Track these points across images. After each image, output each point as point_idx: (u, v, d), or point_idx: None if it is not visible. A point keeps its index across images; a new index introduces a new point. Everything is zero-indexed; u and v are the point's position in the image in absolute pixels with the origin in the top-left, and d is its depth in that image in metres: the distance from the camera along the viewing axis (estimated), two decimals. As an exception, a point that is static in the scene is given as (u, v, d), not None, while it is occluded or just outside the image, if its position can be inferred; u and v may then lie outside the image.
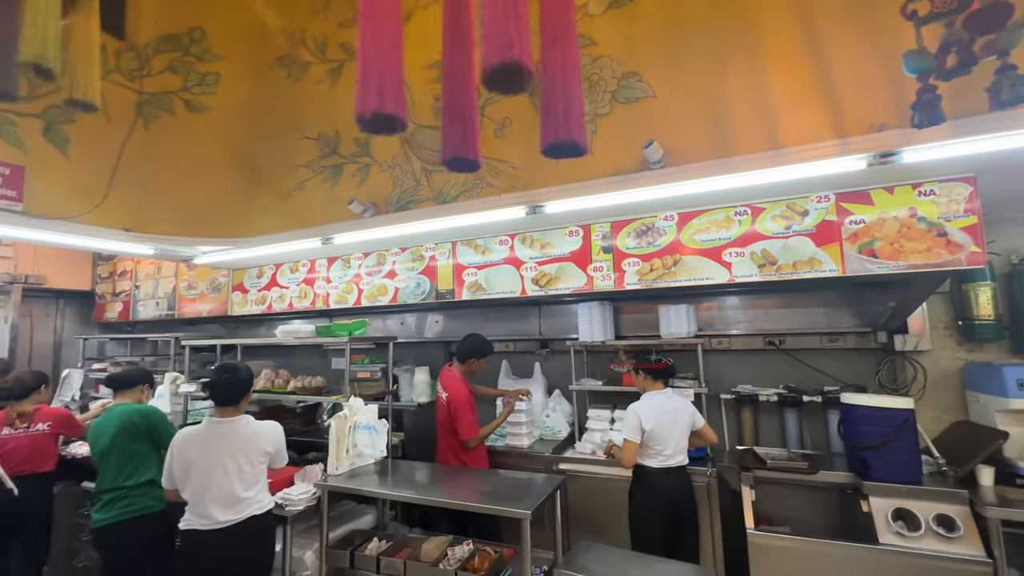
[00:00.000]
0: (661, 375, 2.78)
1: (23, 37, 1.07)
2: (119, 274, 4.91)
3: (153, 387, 2.80)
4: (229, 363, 2.37)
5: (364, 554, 2.51)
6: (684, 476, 2.67)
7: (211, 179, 3.30)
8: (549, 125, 1.07)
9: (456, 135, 1.09)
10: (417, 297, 3.41)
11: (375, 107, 1.00)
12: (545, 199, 2.42)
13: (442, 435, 3.16)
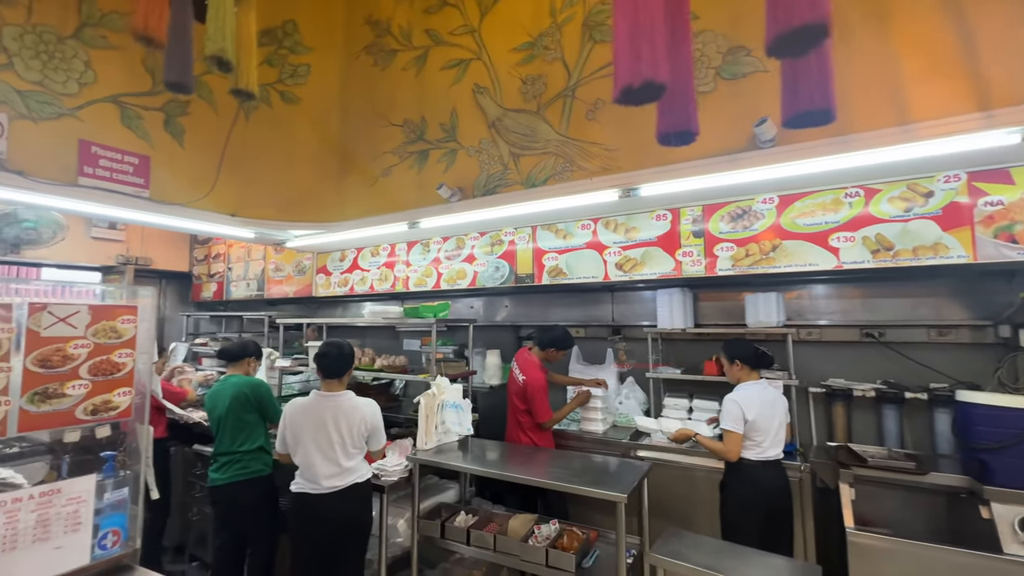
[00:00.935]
0: (760, 364, 2.68)
1: (207, 33, 1.16)
2: (213, 257, 5.31)
3: (260, 359, 3.00)
4: (335, 340, 2.52)
5: (454, 526, 2.61)
6: (781, 470, 2.58)
7: (304, 166, 3.47)
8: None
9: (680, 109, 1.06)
10: (496, 281, 3.47)
11: (648, 76, 1.00)
12: (641, 181, 2.37)
13: (513, 414, 3.23)
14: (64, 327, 1.42)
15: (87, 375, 1.46)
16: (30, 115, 2.45)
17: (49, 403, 1.39)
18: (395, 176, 3.26)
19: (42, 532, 1.37)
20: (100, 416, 1.49)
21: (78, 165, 2.61)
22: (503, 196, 2.78)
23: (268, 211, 3.42)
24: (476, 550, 2.51)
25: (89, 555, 1.46)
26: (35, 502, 1.36)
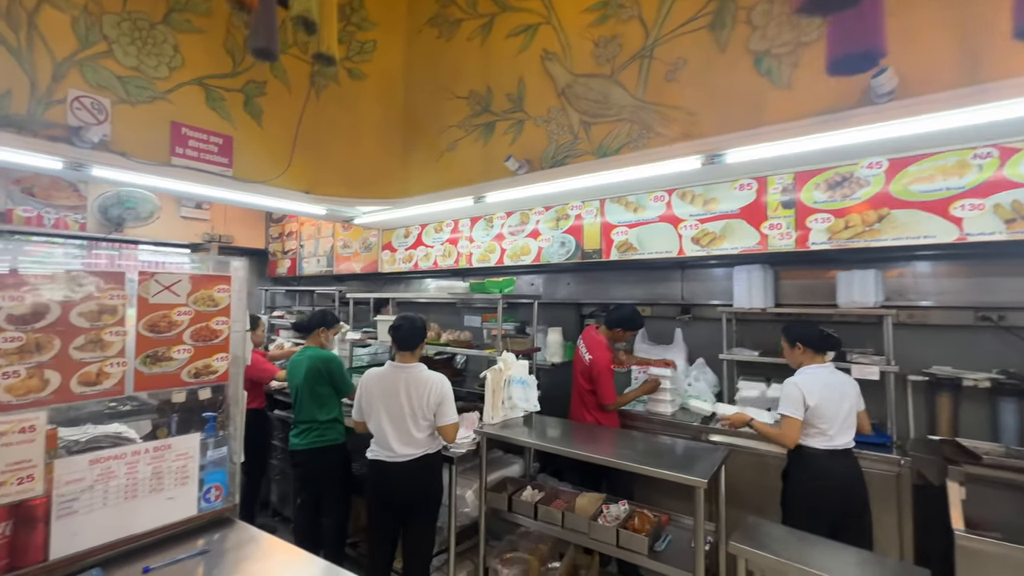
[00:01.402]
0: (824, 347, 2.46)
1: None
2: (287, 235, 5.58)
3: (330, 328, 3.09)
4: (409, 313, 2.56)
5: (521, 500, 2.63)
6: (852, 460, 2.37)
7: (371, 143, 3.51)
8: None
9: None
10: (561, 256, 3.38)
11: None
12: (727, 147, 2.17)
13: (578, 393, 3.17)
14: (169, 295, 1.51)
15: (189, 340, 1.55)
16: (129, 99, 2.61)
17: (159, 365, 1.49)
18: (460, 150, 3.22)
19: (156, 483, 1.48)
20: (201, 379, 1.59)
21: (171, 145, 2.77)
22: (572, 167, 2.67)
23: (338, 188, 3.51)
24: (543, 525, 2.52)
25: (196, 507, 1.58)
26: (150, 455, 1.47)
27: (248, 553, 1.51)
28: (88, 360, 1.36)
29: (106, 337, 1.38)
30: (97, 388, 1.37)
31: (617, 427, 3.10)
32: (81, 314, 1.34)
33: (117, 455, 1.41)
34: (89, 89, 2.48)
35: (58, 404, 1.30)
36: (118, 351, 1.41)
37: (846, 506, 2.33)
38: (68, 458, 1.34)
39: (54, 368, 1.30)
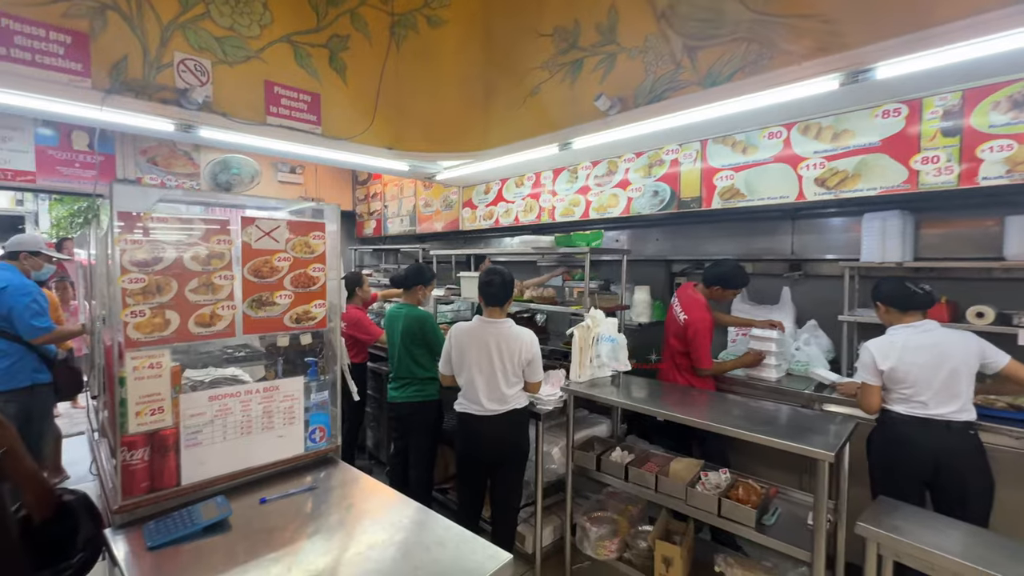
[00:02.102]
0: (907, 306, 2.12)
1: None
2: (372, 196, 5.74)
3: (428, 285, 3.05)
4: (497, 267, 2.48)
5: (610, 460, 2.53)
6: (956, 434, 2.02)
7: (451, 93, 3.40)
8: None
9: None
10: (654, 207, 3.10)
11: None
12: (878, 60, 1.77)
13: (670, 353, 2.96)
14: (269, 241, 1.53)
15: (290, 286, 1.58)
16: (226, 59, 2.70)
17: (264, 310, 1.53)
18: (545, 93, 3.00)
19: (267, 421, 1.56)
20: (302, 324, 1.62)
21: (265, 105, 2.85)
22: (674, 102, 2.36)
23: (420, 143, 3.46)
24: (634, 487, 2.41)
25: (303, 446, 1.65)
26: (261, 396, 1.54)
27: (351, 492, 1.55)
28: (202, 302, 1.42)
29: (216, 281, 1.43)
30: (211, 329, 1.44)
31: (713, 391, 2.86)
32: (193, 258, 1.39)
33: (232, 393, 1.49)
34: (192, 51, 2.58)
35: (178, 343, 1.38)
36: (228, 294, 1.46)
37: (944, 488, 2.05)
38: (191, 393, 1.43)
39: (173, 309, 1.37)
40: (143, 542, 1.23)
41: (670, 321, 2.96)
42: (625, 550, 2.51)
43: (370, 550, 1.23)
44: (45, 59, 2.18)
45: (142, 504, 1.34)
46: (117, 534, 1.27)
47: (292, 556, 1.20)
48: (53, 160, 3.96)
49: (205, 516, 1.29)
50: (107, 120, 2.47)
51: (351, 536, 1.30)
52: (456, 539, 1.26)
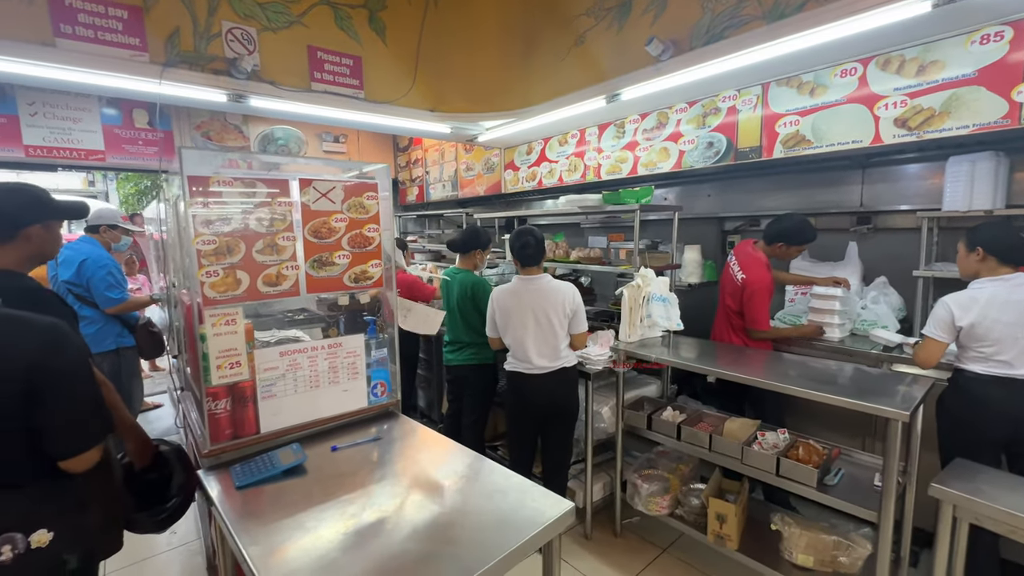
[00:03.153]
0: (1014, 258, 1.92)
1: None
2: (413, 162, 5.76)
3: (486, 250, 3.02)
4: (527, 227, 2.48)
5: (662, 419, 2.52)
6: None
7: (491, 50, 3.28)
8: None
9: None
10: (708, 160, 2.94)
11: None
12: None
13: (724, 312, 2.85)
14: (326, 202, 1.56)
15: (347, 246, 1.62)
16: (270, 26, 2.71)
17: (325, 269, 1.58)
18: (590, 42, 2.84)
19: (333, 376, 1.64)
20: (360, 284, 1.67)
21: (309, 71, 2.86)
22: (734, 40, 2.18)
23: (461, 103, 3.40)
24: (687, 446, 2.39)
25: (366, 400, 1.73)
26: (326, 352, 1.61)
27: (413, 442, 1.62)
28: (268, 263, 1.48)
29: (279, 242, 1.48)
30: (278, 288, 1.50)
31: (769, 350, 2.76)
32: (258, 220, 1.44)
33: (300, 349, 1.56)
34: (239, 20, 2.61)
35: (249, 301, 1.45)
36: (291, 255, 1.51)
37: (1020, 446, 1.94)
38: (264, 349, 1.51)
39: (243, 269, 1.44)
40: (231, 482, 1.34)
41: (726, 280, 2.84)
42: (677, 507, 2.53)
43: (436, 495, 1.28)
44: (106, 35, 2.26)
45: (227, 449, 1.46)
46: (208, 475, 1.39)
47: (365, 498, 1.27)
48: (119, 139, 4.18)
49: (284, 461, 1.38)
50: (165, 94, 2.56)
51: (416, 482, 1.36)
52: (516, 488, 1.29)
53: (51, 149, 3.88)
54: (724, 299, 2.85)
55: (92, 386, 1.14)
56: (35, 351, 1.04)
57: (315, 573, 1.00)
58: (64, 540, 1.08)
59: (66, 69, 2.22)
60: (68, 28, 2.17)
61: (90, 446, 1.11)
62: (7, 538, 1.01)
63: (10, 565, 1.00)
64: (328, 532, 1.13)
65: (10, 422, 1.03)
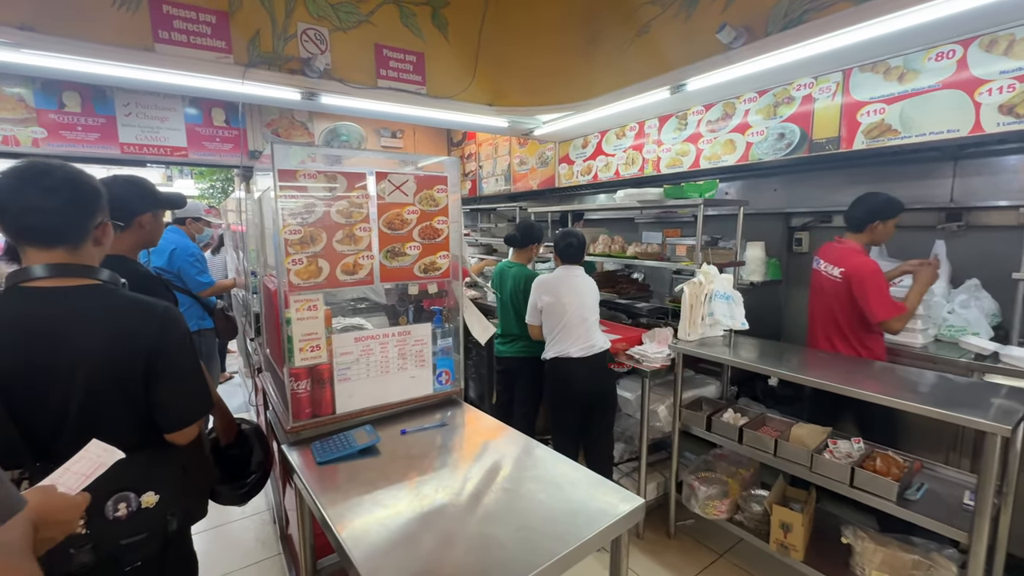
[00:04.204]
0: None
1: None
2: (466, 157, 5.83)
3: (540, 244, 3.08)
4: (570, 230, 2.64)
5: (722, 421, 2.44)
6: None
7: (551, 42, 3.27)
8: None
9: None
10: (778, 152, 2.79)
11: None
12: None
13: (823, 322, 2.55)
14: (399, 194, 1.61)
15: (418, 238, 1.67)
16: (341, 26, 2.82)
17: (397, 260, 1.64)
18: (655, 31, 2.77)
19: (402, 363, 1.70)
20: (429, 275, 1.72)
21: (375, 68, 2.96)
22: (816, 24, 2.05)
23: (518, 97, 3.41)
24: (749, 450, 2.31)
25: (432, 387, 1.79)
26: (396, 339, 1.68)
27: (478, 429, 1.66)
28: (347, 252, 1.55)
29: (357, 232, 1.55)
30: (355, 277, 1.57)
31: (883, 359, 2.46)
32: (338, 211, 1.52)
33: (372, 335, 1.64)
34: (312, 21, 2.73)
35: (330, 288, 1.53)
36: (367, 245, 1.58)
37: None
38: (340, 334, 1.59)
39: (324, 258, 1.51)
40: (312, 458, 1.42)
41: (820, 288, 2.57)
42: (736, 512, 2.45)
43: (506, 481, 1.31)
44: (197, 39, 2.44)
45: (306, 427, 1.55)
46: (291, 450, 1.49)
47: (436, 481, 1.32)
48: (199, 136, 4.49)
49: (359, 441, 1.45)
50: (246, 93, 2.73)
51: (485, 468, 1.39)
52: (585, 479, 1.30)
53: (142, 146, 4.23)
54: (819, 309, 2.60)
55: (198, 365, 1.24)
56: (155, 332, 1.14)
57: (396, 546, 1.05)
58: (168, 502, 1.18)
59: (162, 72, 2.41)
60: (165, 34, 2.35)
61: (194, 420, 1.21)
62: (123, 496, 1.12)
63: (125, 521, 1.11)
64: (404, 509, 1.18)
65: (134, 395, 1.14)
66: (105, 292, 1.14)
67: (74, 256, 1.12)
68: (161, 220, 1.66)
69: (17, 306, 1.07)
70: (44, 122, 3.84)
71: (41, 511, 0.72)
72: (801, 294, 3.35)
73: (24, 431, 1.07)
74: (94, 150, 4.04)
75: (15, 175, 1.04)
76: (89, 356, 1.08)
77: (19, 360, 1.05)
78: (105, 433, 0.99)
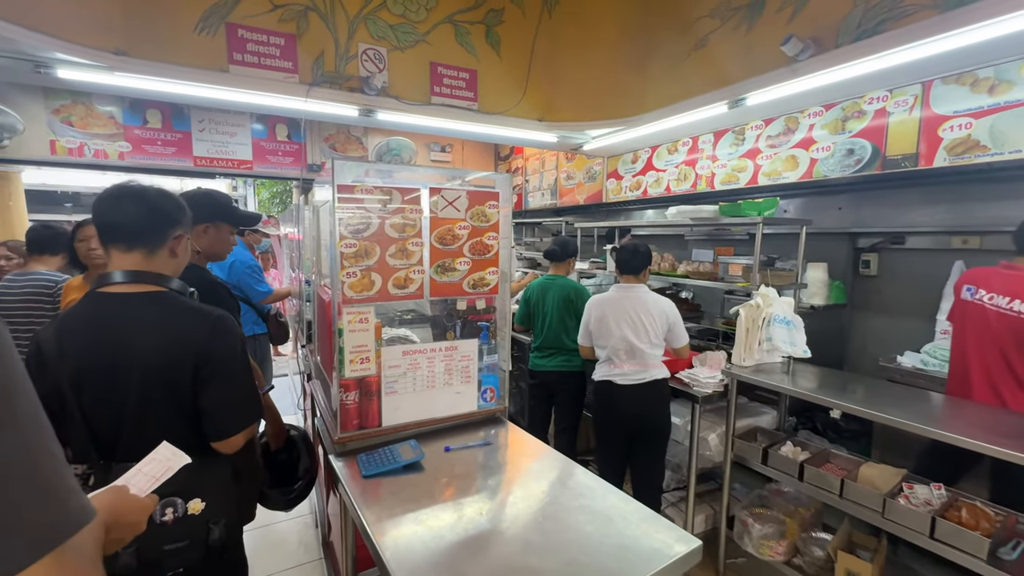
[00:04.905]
0: None
1: None
2: (513, 170, 5.88)
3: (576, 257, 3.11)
4: (633, 241, 2.44)
5: (780, 455, 2.28)
6: None
7: (603, 56, 3.24)
8: None
9: None
10: (847, 169, 2.63)
11: None
12: None
13: (986, 367, 2.09)
14: (451, 210, 1.62)
15: (468, 253, 1.67)
16: (399, 45, 2.92)
17: (447, 275, 1.65)
18: (712, 45, 2.69)
19: (448, 378, 1.69)
20: (478, 291, 1.71)
21: (430, 85, 3.03)
22: (895, 35, 1.92)
23: (570, 112, 3.40)
24: (811, 488, 2.13)
25: (476, 404, 1.77)
26: (442, 354, 1.67)
27: (522, 450, 1.62)
28: (398, 266, 1.57)
29: (409, 247, 1.57)
30: (405, 291, 1.59)
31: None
32: (392, 226, 1.54)
33: (420, 349, 1.64)
34: (372, 41, 2.84)
35: (381, 302, 1.55)
36: (418, 260, 1.59)
37: None
38: (389, 347, 1.60)
39: (377, 271, 1.54)
40: (358, 470, 1.43)
41: (983, 325, 2.11)
42: (795, 555, 2.27)
43: (552, 509, 1.26)
44: (267, 60, 2.58)
45: (353, 438, 1.56)
46: (338, 460, 1.50)
47: (480, 503, 1.29)
48: (264, 150, 4.77)
49: (403, 456, 1.45)
50: (308, 110, 2.86)
51: (530, 493, 1.35)
52: (636, 514, 1.23)
53: (212, 160, 4.53)
54: (985, 352, 2.12)
55: (248, 374, 1.27)
56: (205, 338, 1.18)
57: (439, 570, 1.03)
58: (213, 511, 1.18)
59: (235, 91, 2.57)
60: (239, 56, 2.51)
61: (240, 430, 1.22)
62: (170, 501, 1.14)
63: (171, 526, 1.13)
64: (447, 532, 1.16)
65: (183, 399, 1.17)
66: (168, 299, 1.20)
67: (149, 262, 1.20)
68: (225, 233, 1.74)
69: (93, 310, 1.15)
70: (129, 137, 4.18)
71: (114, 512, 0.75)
72: (869, 320, 3.12)
73: (90, 430, 1.13)
74: (170, 162, 4.37)
75: (116, 188, 1.19)
76: (145, 360, 1.13)
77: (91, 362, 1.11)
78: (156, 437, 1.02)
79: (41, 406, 0.51)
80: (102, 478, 1.12)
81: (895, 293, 2.99)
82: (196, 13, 2.42)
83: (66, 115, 3.97)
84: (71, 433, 1.13)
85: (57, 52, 2.21)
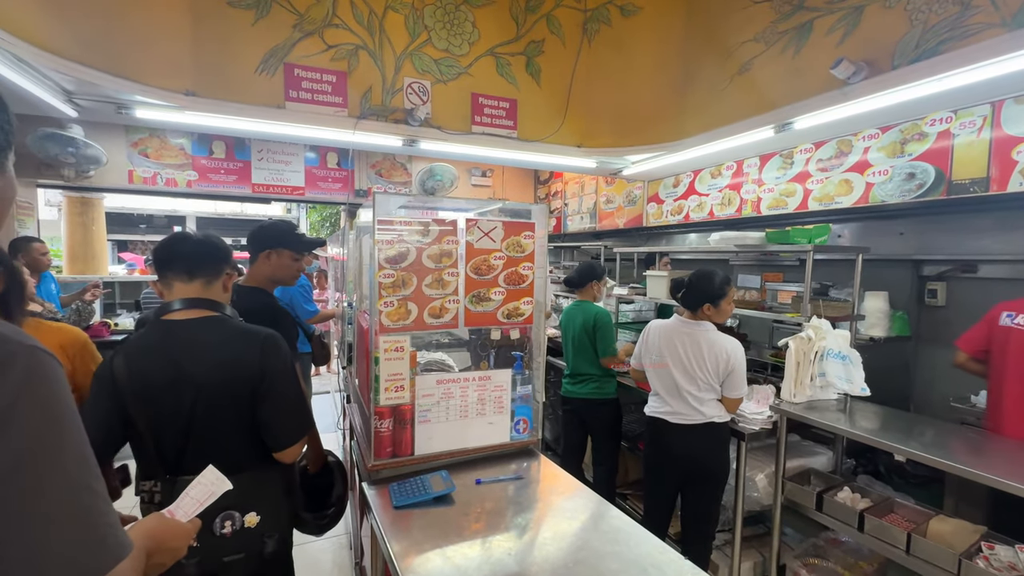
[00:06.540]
0: None
1: None
2: (552, 194, 5.91)
3: (600, 281, 3.06)
4: (702, 269, 2.30)
5: (837, 501, 2.10)
6: None
7: (643, 84, 3.24)
8: None
9: None
10: (907, 194, 2.47)
11: None
12: None
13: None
14: (487, 240, 1.64)
15: (503, 283, 1.68)
16: (442, 78, 3.03)
17: (482, 305, 1.66)
18: (757, 69, 2.63)
19: (480, 408, 1.68)
20: (512, 320, 1.71)
21: (471, 115, 3.12)
22: (957, 55, 1.81)
23: (609, 138, 3.39)
24: (872, 541, 1.95)
25: (509, 435, 1.75)
26: (476, 384, 1.67)
27: (554, 487, 1.58)
28: (434, 296, 1.59)
29: (445, 277, 1.59)
30: (440, 320, 1.61)
31: None
32: (429, 256, 1.57)
33: (454, 379, 1.65)
34: (416, 75, 2.97)
35: (416, 331, 1.57)
36: (453, 290, 1.61)
37: None
38: (423, 376, 1.62)
39: (413, 301, 1.57)
40: (389, 500, 1.43)
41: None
42: (855, 614, 2.07)
43: (584, 555, 1.21)
44: (320, 96, 2.75)
45: (386, 466, 1.58)
46: (370, 489, 1.52)
47: (509, 542, 1.25)
48: (315, 177, 5.03)
49: (434, 487, 1.44)
50: (356, 141, 3.00)
51: (560, 535, 1.31)
52: (672, 567, 1.16)
53: (269, 186, 4.82)
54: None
55: (299, 388, 1.34)
56: (257, 358, 1.26)
57: (465, 616, 1.00)
58: (267, 524, 1.26)
59: (290, 126, 2.74)
60: (295, 93, 2.68)
61: (297, 439, 1.31)
62: (228, 514, 1.21)
63: (229, 538, 1.19)
64: (473, 571, 1.13)
65: (239, 416, 1.25)
66: (221, 323, 1.30)
67: (206, 291, 1.31)
68: (287, 259, 1.86)
69: (158, 335, 1.24)
70: (196, 166, 4.53)
71: (157, 538, 0.79)
72: (935, 353, 2.87)
73: (157, 447, 1.21)
74: (231, 189, 4.68)
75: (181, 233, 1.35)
76: (202, 380, 1.21)
77: (156, 384, 1.20)
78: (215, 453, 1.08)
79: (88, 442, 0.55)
80: (168, 492, 1.18)
81: (967, 326, 2.74)
82: (258, 55, 2.61)
83: (143, 147, 4.36)
84: (141, 451, 1.22)
85: (136, 95, 2.44)
